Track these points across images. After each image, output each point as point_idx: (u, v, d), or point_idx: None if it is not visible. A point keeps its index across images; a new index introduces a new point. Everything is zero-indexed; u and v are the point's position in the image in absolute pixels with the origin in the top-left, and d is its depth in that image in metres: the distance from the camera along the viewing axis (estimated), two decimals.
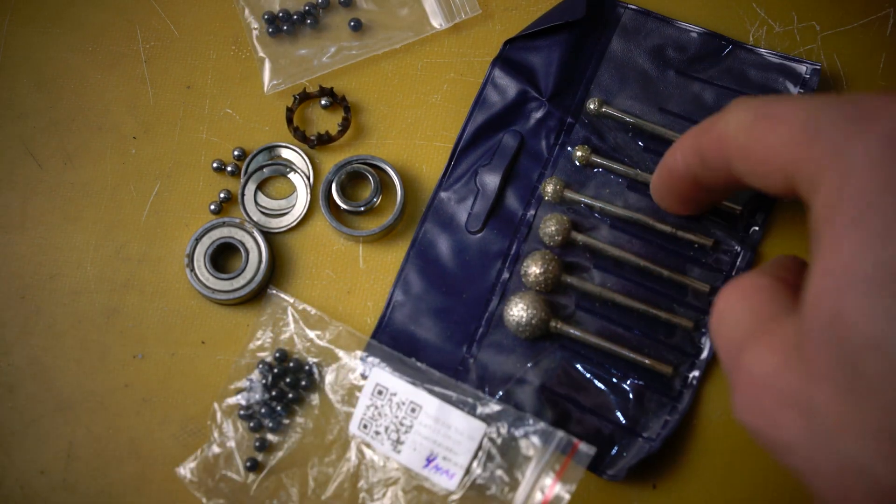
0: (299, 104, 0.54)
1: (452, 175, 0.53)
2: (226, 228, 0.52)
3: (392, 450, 0.48)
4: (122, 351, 0.52)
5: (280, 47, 0.55)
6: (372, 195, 0.52)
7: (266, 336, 0.51)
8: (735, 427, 0.50)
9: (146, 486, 0.50)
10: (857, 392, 0.22)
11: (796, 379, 0.24)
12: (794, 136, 0.26)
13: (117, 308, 0.52)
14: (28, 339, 0.52)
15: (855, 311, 0.22)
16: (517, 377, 0.50)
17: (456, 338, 0.51)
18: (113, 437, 0.51)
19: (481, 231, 0.52)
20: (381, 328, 0.51)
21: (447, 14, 0.55)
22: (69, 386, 0.51)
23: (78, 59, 0.55)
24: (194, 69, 0.55)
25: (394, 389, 0.49)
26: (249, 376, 0.51)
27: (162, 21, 0.55)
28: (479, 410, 0.48)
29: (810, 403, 0.23)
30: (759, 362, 0.26)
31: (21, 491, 0.50)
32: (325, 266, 0.53)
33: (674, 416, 0.49)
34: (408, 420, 0.48)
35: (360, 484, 0.49)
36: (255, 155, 0.54)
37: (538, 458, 0.47)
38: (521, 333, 0.50)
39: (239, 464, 0.50)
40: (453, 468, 0.48)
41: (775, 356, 0.25)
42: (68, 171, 0.54)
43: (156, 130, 0.54)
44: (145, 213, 0.53)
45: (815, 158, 0.25)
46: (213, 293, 0.51)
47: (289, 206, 0.53)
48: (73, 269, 0.53)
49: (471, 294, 0.51)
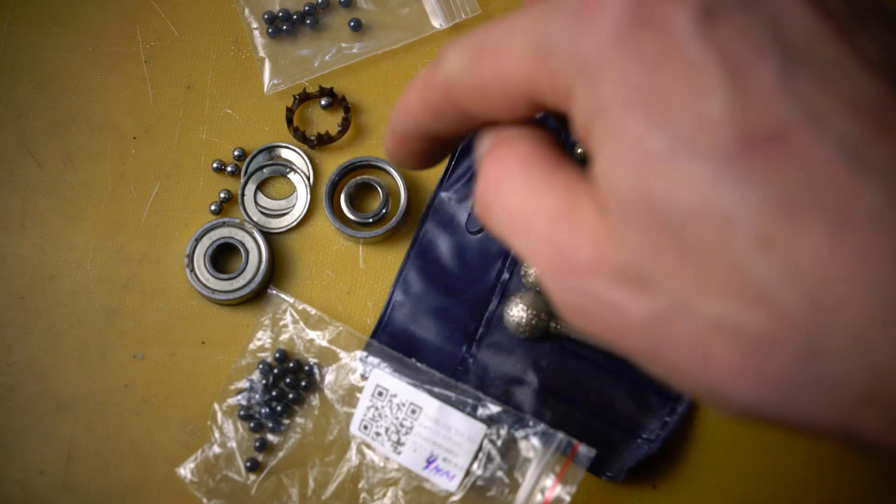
0: (299, 104, 0.54)
1: (452, 175, 0.53)
2: (226, 228, 0.52)
3: (392, 451, 0.48)
4: (122, 351, 0.52)
5: (280, 47, 0.55)
6: (381, 206, 0.52)
7: (266, 336, 0.51)
8: (735, 427, 0.50)
9: (146, 486, 0.50)
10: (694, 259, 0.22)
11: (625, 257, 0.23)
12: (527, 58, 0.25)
13: (117, 308, 0.52)
14: (28, 339, 0.52)
15: (665, 187, 0.22)
16: (517, 378, 0.50)
17: (456, 338, 0.51)
18: (113, 437, 0.51)
19: (481, 231, 0.52)
20: (380, 328, 0.51)
21: (447, 14, 0.55)
22: (69, 386, 0.51)
23: (78, 59, 0.55)
24: (194, 69, 0.55)
25: (394, 391, 0.49)
26: (249, 377, 0.51)
27: (162, 21, 0.55)
28: (479, 412, 0.48)
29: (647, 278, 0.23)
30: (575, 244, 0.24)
31: (21, 491, 0.50)
32: (325, 266, 0.53)
33: (673, 417, 0.49)
34: (408, 421, 0.48)
35: (361, 484, 0.49)
36: (255, 155, 0.54)
37: (538, 460, 0.47)
38: (521, 334, 0.50)
39: (239, 464, 0.50)
40: (453, 469, 0.48)
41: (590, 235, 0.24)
42: (68, 171, 0.54)
43: (156, 130, 0.54)
44: (145, 213, 0.53)
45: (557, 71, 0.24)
46: (213, 293, 0.51)
47: (289, 207, 0.53)
48: (73, 269, 0.53)
49: (471, 294, 0.51)
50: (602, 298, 0.24)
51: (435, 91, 0.28)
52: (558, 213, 0.25)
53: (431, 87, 0.28)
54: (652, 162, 0.22)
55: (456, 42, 0.27)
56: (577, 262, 0.24)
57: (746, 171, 0.21)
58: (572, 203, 0.25)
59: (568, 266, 0.25)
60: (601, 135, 0.23)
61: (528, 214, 0.26)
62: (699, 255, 0.22)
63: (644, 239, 0.23)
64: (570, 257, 0.25)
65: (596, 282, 0.24)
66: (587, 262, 0.24)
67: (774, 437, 0.50)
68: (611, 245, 0.24)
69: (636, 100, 0.23)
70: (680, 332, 0.23)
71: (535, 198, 0.26)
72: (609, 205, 0.24)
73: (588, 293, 0.24)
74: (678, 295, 0.22)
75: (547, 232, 0.25)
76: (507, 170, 0.27)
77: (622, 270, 0.23)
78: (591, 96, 0.23)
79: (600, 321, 0.25)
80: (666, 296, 0.23)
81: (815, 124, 0.21)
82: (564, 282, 0.25)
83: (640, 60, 0.23)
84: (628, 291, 0.23)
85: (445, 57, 0.28)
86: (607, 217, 0.24)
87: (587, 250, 0.24)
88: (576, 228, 0.25)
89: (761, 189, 0.21)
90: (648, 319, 0.23)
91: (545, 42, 0.24)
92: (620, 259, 0.23)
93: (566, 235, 0.25)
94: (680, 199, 0.22)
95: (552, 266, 0.25)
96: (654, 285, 0.23)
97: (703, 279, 0.22)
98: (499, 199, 0.26)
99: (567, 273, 0.25)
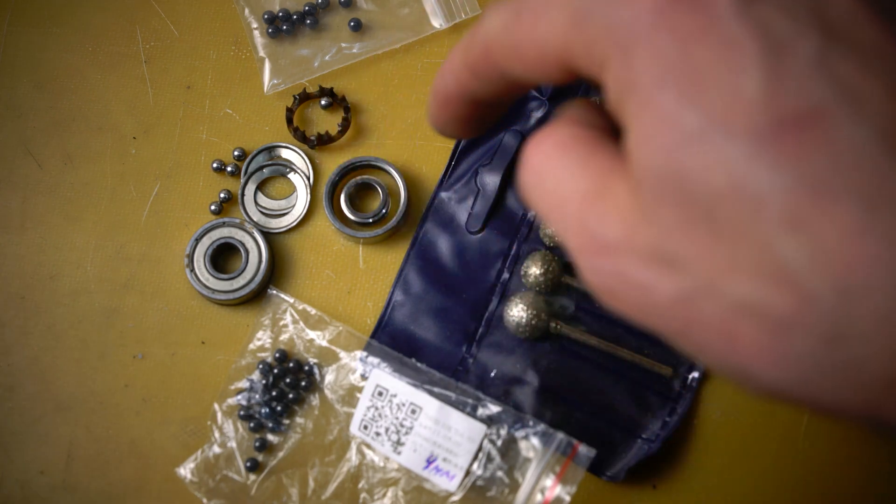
0: (299, 104, 0.54)
1: (453, 175, 0.53)
2: (226, 228, 0.52)
3: (392, 451, 0.48)
4: (122, 351, 0.52)
5: (280, 47, 0.55)
6: (381, 206, 0.52)
7: (266, 336, 0.51)
8: (735, 427, 0.50)
9: (146, 486, 0.50)
10: (724, 238, 0.22)
11: (654, 237, 0.23)
12: (564, 23, 0.25)
13: (117, 308, 0.52)
14: (28, 339, 0.52)
15: (697, 166, 0.22)
16: (517, 378, 0.50)
17: (456, 338, 0.51)
18: (113, 437, 0.51)
19: (481, 231, 0.52)
20: (380, 328, 0.51)
21: (447, 14, 0.55)
22: (69, 386, 0.51)
23: (78, 59, 0.55)
24: (194, 69, 0.55)
25: (394, 391, 0.49)
26: (249, 377, 0.51)
27: (162, 21, 0.55)
28: (479, 412, 0.48)
29: (676, 258, 0.23)
30: (605, 225, 0.25)
31: (21, 491, 0.50)
32: (325, 266, 0.53)
33: (673, 418, 0.49)
34: (408, 421, 0.48)
35: (361, 484, 0.49)
36: (255, 155, 0.54)
37: (538, 460, 0.47)
38: (521, 334, 0.50)
39: (239, 464, 0.50)
40: (453, 469, 0.48)
41: (622, 215, 0.24)
42: (68, 171, 0.54)
43: (156, 130, 0.54)
44: (145, 213, 0.53)
45: (593, 40, 0.24)
46: (213, 293, 0.51)
47: (289, 207, 0.53)
48: (73, 269, 0.53)
49: (471, 294, 0.51)
50: (631, 278, 0.24)
51: (475, 50, 0.29)
52: (591, 195, 0.25)
53: (472, 46, 0.29)
54: (684, 140, 0.22)
55: (498, 2, 0.28)
56: (607, 242, 0.24)
57: (779, 152, 0.21)
58: (605, 183, 0.25)
59: (597, 247, 0.25)
60: (634, 110, 0.23)
61: (563, 197, 0.26)
62: (728, 236, 0.22)
63: (674, 218, 0.23)
64: (600, 238, 0.25)
65: (625, 262, 0.24)
66: (617, 242, 0.24)
67: (775, 437, 0.50)
68: (641, 224, 0.24)
69: (670, 76, 0.22)
70: (707, 313, 0.23)
71: (570, 180, 0.26)
72: (640, 182, 0.24)
73: (617, 273, 0.24)
74: (706, 275, 0.22)
75: (578, 213, 0.25)
76: (545, 153, 0.27)
77: (651, 250, 0.23)
78: (625, 69, 0.23)
79: (630, 301, 0.25)
80: (694, 276, 0.23)
81: (851, 106, 0.21)
82: (594, 262, 0.25)
83: (676, 35, 0.22)
84: (657, 271, 0.24)
85: (487, 17, 0.28)
86: (638, 195, 0.24)
87: (617, 230, 0.24)
88: (606, 209, 0.25)
89: (793, 170, 0.21)
90: (677, 299, 0.23)
91: (583, 9, 0.24)
92: (650, 239, 0.23)
93: (596, 216, 0.25)
94: (711, 179, 0.22)
95: (582, 246, 0.25)
96: (683, 265, 0.23)
97: (731, 260, 0.22)
98: (538, 183, 0.27)
99: (596, 253, 0.25)
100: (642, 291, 0.24)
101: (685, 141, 0.22)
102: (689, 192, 0.22)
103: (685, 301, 0.23)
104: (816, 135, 0.21)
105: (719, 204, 0.22)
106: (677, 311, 0.23)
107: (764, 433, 0.50)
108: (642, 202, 0.24)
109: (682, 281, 0.23)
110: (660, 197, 0.23)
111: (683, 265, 0.23)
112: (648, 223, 0.24)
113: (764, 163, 0.21)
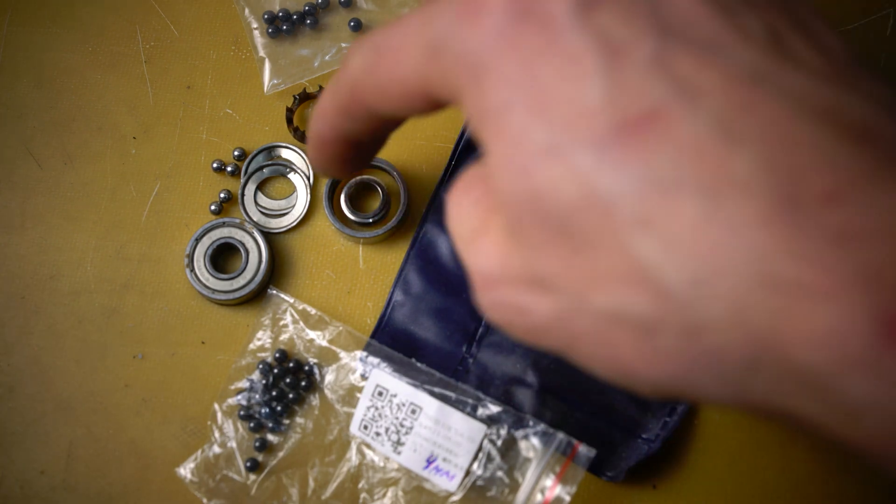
0: (299, 104, 0.54)
1: (453, 175, 0.53)
2: (226, 228, 0.52)
3: (392, 451, 0.48)
4: (122, 351, 0.52)
5: (280, 47, 0.55)
6: (381, 206, 0.52)
7: (266, 336, 0.51)
8: (735, 427, 0.50)
9: (146, 486, 0.50)
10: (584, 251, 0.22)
11: (525, 261, 0.24)
12: (420, 57, 0.25)
13: (117, 308, 0.52)
14: (28, 339, 0.52)
15: (549, 182, 0.22)
16: (517, 378, 0.50)
17: (456, 338, 0.51)
18: (113, 437, 0.51)
19: None
20: (380, 328, 0.51)
21: None
22: (69, 386, 0.51)
23: (78, 59, 0.55)
24: (194, 69, 0.55)
25: (394, 391, 0.49)
26: (249, 377, 0.51)
27: (162, 21, 0.55)
28: (479, 412, 0.48)
29: (545, 279, 0.23)
30: (484, 257, 0.25)
31: (21, 491, 0.50)
32: (325, 266, 0.53)
33: (673, 417, 0.49)
34: (408, 421, 0.48)
35: (361, 484, 0.49)
36: (255, 155, 0.54)
37: (538, 460, 0.47)
38: None
39: (239, 464, 0.50)
40: (453, 469, 0.48)
41: (497, 247, 0.25)
42: (68, 171, 0.54)
43: (156, 130, 0.54)
44: (145, 213, 0.53)
45: (447, 70, 0.24)
46: (213, 293, 0.51)
47: (289, 207, 0.53)
48: (73, 269, 0.53)
49: (470, 294, 0.51)
50: (513, 306, 0.25)
51: (342, 93, 0.29)
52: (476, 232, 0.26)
53: (339, 89, 0.29)
54: (534, 157, 0.22)
55: (358, 42, 0.28)
56: (490, 275, 0.25)
57: (623, 155, 0.21)
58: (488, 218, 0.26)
59: (483, 281, 0.26)
60: (489, 136, 0.23)
61: (460, 237, 0.27)
62: (587, 248, 0.22)
63: (538, 238, 0.23)
64: (485, 272, 0.25)
65: (504, 291, 0.25)
66: (496, 273, 0.25)
67: (774, 437, 0.50)
68: (513, 251, 0.24)
69: (516, 97, 0.22)
70: (584, 327, 0.23)
71: (466, 220, 0.27)
72: (504, 207, 0.24)
73: (502, 304, 0.25)
74: (574, 290, 0.23)
75: (467, 251, 0.26)
76: (451, 196, 0.28)
77: (524, 275, 0.24)
78: (478, 96, 0.23)
79: (519, 328, 0.25)
80: (563, 294, 0.23)
81: (688, 100, 0.21)
82: (485, 297, 0.26)
83: (520, 56, 0.22)
84: (532, 295, 0.24)
85: (349, 58, 0.28)
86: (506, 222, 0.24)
87: (494, 262, 0.25)
88: (486, 243, 0.25)
89: (638, 171, 0.21)
90: (555, 319, 0.23)
91: (435, 40, 0.24)
92: (521, 263, 0.24)
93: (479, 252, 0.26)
94: (563, 192, 0.22)
95: (474, 283, 0.26)
96: (553, 284, 0.23)
97: (593, 271, 0.22)
98: (449, 226, 0.28)
99: (484, 287, 0.26)
100: (525, 317, 0.24)
101: (535, 158, 0.22)
102: (546, 210, 0.22)
103: (562, 319, 0.23)
104: (657, 133, 0.21)
105: (574, 216, 0.22)
106: (559, 329, 0.24)
107: (764, 433, 0.50)
108: (510, 227, 0.24)
109: (555, 301, 0.23)
110: (522, 219, 0.23)
111: (553, 284, 0.23)
112: (519, 248, 0.24)
113: (609, 168, 0.21)
